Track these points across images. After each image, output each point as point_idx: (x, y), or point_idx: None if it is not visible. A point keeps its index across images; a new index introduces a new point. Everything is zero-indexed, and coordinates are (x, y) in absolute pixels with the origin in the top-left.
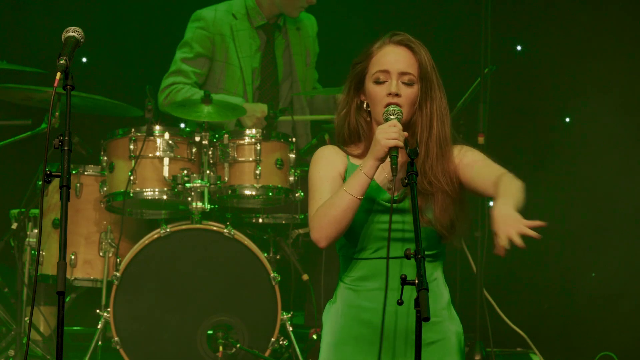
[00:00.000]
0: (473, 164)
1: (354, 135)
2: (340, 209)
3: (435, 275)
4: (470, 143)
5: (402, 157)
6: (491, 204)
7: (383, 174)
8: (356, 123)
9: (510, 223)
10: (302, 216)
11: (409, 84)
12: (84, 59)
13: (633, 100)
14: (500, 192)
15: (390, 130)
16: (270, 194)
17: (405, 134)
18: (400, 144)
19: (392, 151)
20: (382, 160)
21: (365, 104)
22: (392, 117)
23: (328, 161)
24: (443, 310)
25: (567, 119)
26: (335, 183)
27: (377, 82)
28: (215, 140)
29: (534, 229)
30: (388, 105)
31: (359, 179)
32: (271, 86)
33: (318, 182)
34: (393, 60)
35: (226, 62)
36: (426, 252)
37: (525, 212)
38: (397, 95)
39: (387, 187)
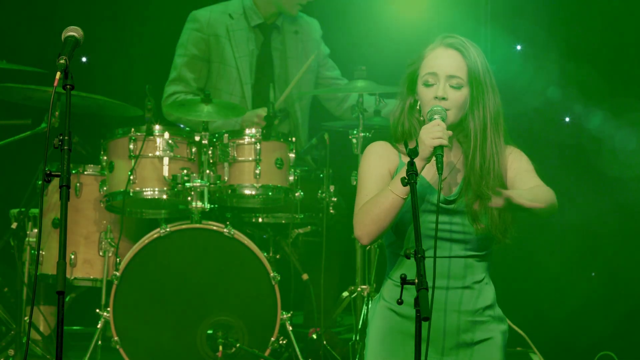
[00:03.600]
0: (518, 170)
1: (406, 135)
2: (384, 208)
3: (482, 275)
4: None
5: (453, 157)
6: None
7: (434, 172)
8: (409, 123)
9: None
10: (302, 216)
11: (457, 87)
12: (84, 59)
13: (632, 100)
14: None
15: (434, 129)
16: (270, 193)
17: (450, 132)
18: (445, 142)
19: (436, 150)
20: (428, 160)
21: (418, 104)
22: (435, 116)
23: (378, 157)
24: (489, 309)
25: (567, 119)
26: (384, 180)
27: (426, 84)
28: (215, 140)
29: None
30: None
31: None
32: (266, 86)
33: (366, 178)
34: (442, 63)
35: (222, 63)
36: (476, 253)
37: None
38: (443, 99)
39: (440, 187)
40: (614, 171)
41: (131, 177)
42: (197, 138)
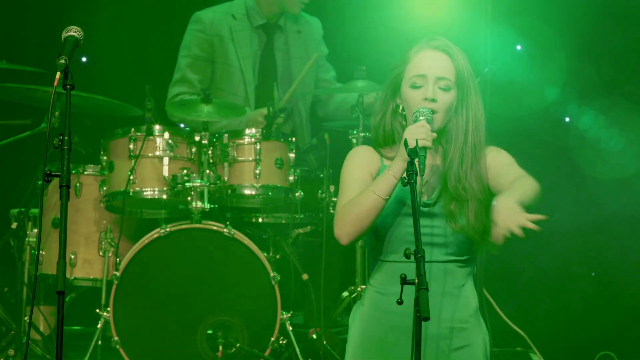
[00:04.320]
0: (499, 166)
1: (389, 139)
2: (365, 208)
3: (465, 281)
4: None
5: (432, 159)
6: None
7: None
8: (391, 126)
9: (510, 214)
10: (302, 216)
11: (446, 89)
12: (84, 59)
13: (631, 100)
14: (508, 187)
15: (418, 130)
16: (270, 193)
17: (434, 135)
18: (428, 144)
19: (419, 152)
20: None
21: (401, 107)
22: (421, 118)
23: (361, 161)
24: (471, 317)
25: (567, 119)
26: (365, 183)
27: (414, 86)
28: (215, 140)
29: (534, 222)
30: None
31: (386, 179)
32: (269, 86)
33: (348, 181)
34: (430, 65)
35: (225, 63)
36: (457, 258)
37: (528, 211)
38: (433, 100)
39: (420, 190)
40: (615, 172)
41: (131, 177)
42: (197, 138)
